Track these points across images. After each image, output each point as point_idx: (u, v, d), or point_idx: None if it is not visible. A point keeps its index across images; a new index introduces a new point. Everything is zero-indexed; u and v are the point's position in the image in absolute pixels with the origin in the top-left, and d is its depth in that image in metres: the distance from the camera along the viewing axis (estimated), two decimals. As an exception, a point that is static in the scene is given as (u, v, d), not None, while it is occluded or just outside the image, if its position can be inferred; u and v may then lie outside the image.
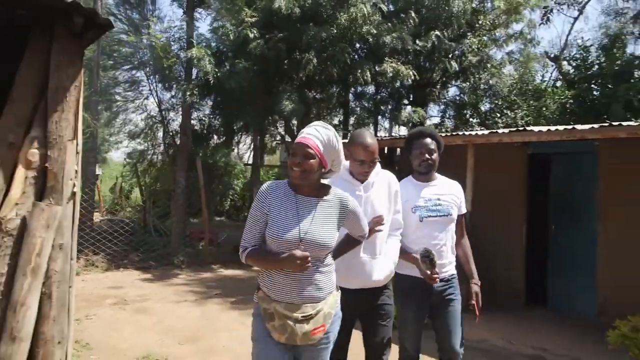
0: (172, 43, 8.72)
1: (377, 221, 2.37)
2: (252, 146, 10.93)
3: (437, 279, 2.56)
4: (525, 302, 6.31)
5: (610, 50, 11.14)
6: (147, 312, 5.60)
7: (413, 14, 9.79)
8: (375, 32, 8.96)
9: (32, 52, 2.46)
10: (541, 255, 6.42)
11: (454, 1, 10.10)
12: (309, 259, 1.94)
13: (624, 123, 4.73)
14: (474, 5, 10.97)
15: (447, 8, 10.17)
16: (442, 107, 14.16)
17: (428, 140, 2.74)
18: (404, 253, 2.63)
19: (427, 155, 2.72)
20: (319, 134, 2.01)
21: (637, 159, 5.24)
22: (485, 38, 11.88)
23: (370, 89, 11.74)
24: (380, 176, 2.54)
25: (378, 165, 2.52)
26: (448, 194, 2.80)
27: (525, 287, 6.37)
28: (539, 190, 6.50)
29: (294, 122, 10.08)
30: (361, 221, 2.22)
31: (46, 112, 2.44)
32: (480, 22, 11.56)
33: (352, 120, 11.66)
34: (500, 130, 6.08)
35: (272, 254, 2.00)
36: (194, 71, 8.99)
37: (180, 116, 9.24)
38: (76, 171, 2.54)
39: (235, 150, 15.86)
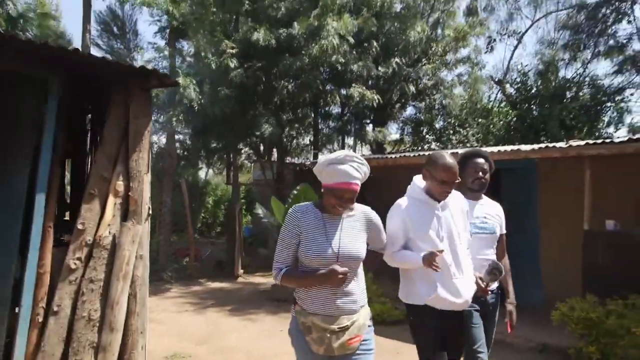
0: (157, 72, 9.29)
1: (432, 259, 2.31)
2: (232, 166, 11.53)
3: (489, 292, 2.70)
4: (484, 297, 7.31)
5: (545, 75, 12.70)
6: (155, 322, 6.13)
7: (375, 44, 10.87)
8: (343, 61, 9.91)
9: (114, 106, 3.15)
10: (496, 256, 7.47)
11: (410, 32, 11.31)
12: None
13: (558, 144, 5.86)
14: (427, 34, 12.21)
15: (404, 37, 11.36)
16: (401, 125, 15.39)
17: (482, 160, 2.86)
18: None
19: (480, 174, 2.83)
20: (360, 174, 2.13)
21: (568, 173, 6.39)
22: (437, 62, 13.18)
23: (335, 109, 12.73)
24: (453, 196, 2.57)
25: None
26: (494, 213, 2.93)
27: (483, 284, 7.38)
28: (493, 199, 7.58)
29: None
30: (382, 235, 2.37)
31: (127, 152, 3.13)
32: (433, 49, 12.83)
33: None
34: (459, 151, 7.09)
35: (310, 272, 2.09)
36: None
37: (164, 139, 9.77)
38: (149, 197, 3.22)
39: (211, 171, 16.36)
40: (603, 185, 5.82)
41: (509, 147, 6.48)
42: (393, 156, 8.03)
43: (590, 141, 5.67)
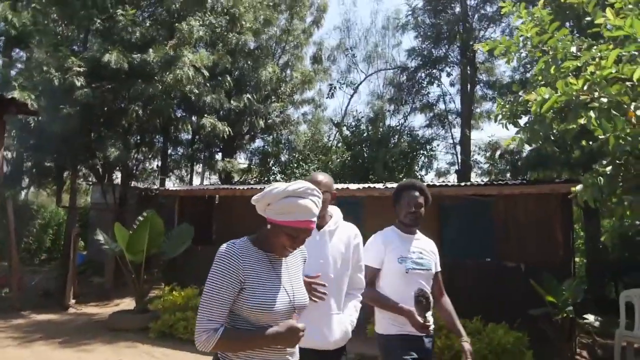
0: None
1: (313, 284, 2.10)
2: (62, 187, 10.72)
3: (430, 327, 2.45)
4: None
5: (374, 122, 14.76)
6: (-30, 359, 5.53)
7: (228, 78, 11.45)
8: (197, 92, 10.23)
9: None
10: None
11: (262, 71, 12.22)
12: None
13: (377, 185, 7.10)
14: (277, 74, 13.25)
15: (256, 75, 12.22)
16: (249, 155, 16.10)
17: (417, 193, 2.70)
18: (390, 305, 2.50)
19: (414, 209, 2.67)
20: (318, 210, 1.78)
21: (385, 208, 7.71)
22: (286, 101, 14.35)
23: (186, 136, 12.86)
24: (342, 228, 2.39)
25: (339, 214, 2.42)
26: (429, 250, 2.76)
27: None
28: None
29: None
30: None
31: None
32: (282, 88, 13.95)
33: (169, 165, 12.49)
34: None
35: (260, 331, 1.66)
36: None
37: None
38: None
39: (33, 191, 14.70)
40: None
41: (340, 185, 7.57)
42: (241, 187, 8.57)
43: (401, 184, 7.02)
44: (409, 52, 14.88)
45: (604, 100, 2.94)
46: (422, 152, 14.23)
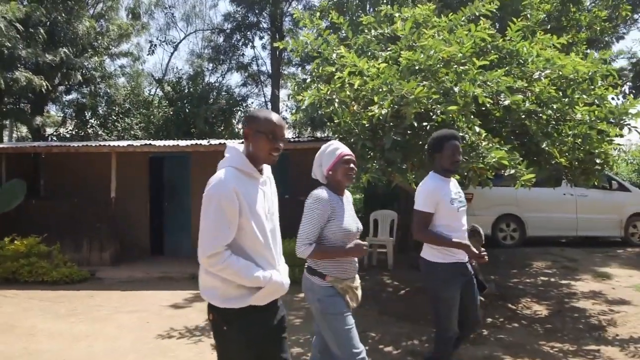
0: None
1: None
2: None
3: (486, 256, 2.89)
4: (150, 253, 9.65)
5: (195, 79, 15.88)
6: None
7: (42, 30, 11.24)
8: (9, 45, 10.02)
9: None
10: (159, 222, 9.90)
11: (79, 25, 12.20)
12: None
13: (203, 142, 8.69)
14: (94, 28, 13.20)
15: (71, 28, 12.15)
16: (61, 108, 15.60)
17: (457, 142, 2.99)
18: (452, 242, 2.89)
19: (457, 156, 2.98)
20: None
21: (209, 161, 9.36)
22: (103, 54, 14.36)
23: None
24: (268, 170, 2.21)
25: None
26: (460, 189, 3.17)
27: (150, 243, 9.70)
28: (157, 180, 9.92)
29: None
30: None
31: None
32: (99, 41, 13.93)
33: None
34: (135, 143, 9.01)
35: (339, 246, 2.52)
36: None
37: None
38: None
39: None
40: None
41: (170, 142, 8.93)
42: (75, 144, 9.15)
43: (223, 141, 8.77)
44: (225, 17, 16.18)
45: (337, 100, 5.19)
46: (238, 108, 16.02)
